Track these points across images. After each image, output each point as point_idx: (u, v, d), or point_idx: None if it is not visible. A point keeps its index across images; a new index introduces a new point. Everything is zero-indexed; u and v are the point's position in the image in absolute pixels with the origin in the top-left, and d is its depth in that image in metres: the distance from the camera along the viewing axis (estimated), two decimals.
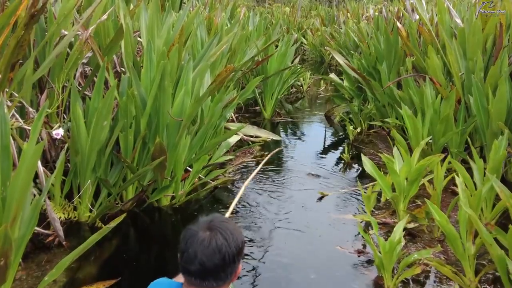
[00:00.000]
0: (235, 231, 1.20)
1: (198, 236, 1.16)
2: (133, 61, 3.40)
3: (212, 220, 1.20)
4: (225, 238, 1.16)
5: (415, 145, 3.85)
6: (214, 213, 1.65)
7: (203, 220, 1.21)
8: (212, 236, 1.15)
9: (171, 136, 3.15)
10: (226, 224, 1.20)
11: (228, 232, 1.17)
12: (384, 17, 7.92)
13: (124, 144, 2.98)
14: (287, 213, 3.28)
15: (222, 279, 1.17)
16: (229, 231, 1.18)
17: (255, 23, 7.51)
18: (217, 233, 1.16)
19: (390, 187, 3.01)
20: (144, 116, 2.99)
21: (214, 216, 1.24)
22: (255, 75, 6.18)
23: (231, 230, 1.18)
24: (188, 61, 3.25)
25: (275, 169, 4.17)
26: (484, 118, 3.75)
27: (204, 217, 1.24)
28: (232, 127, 4.44)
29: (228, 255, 1.15)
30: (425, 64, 4.50)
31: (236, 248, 1.17)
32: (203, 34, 5.12)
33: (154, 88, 2.94)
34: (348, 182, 3.93)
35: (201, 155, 3.43)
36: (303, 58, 13.20)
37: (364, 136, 5.30)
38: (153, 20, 3.42)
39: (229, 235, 1.17)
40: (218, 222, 1.20)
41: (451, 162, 3.01)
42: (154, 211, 3.27)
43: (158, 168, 2.97)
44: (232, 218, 3.14)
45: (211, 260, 1.13)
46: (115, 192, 3.09)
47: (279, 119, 6.12)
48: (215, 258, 1.14)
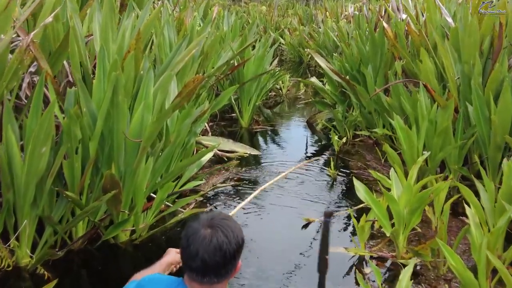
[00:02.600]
0: (236, 228, 1.21)
1: (199, 233, 1.17)
2: (84, 71, 2.89)
3: (213, 218, 1.21)
4: (226, 236, 1.17)
5: (409, 160, 3.44)
6: (215, 211, 1.57)
7: (204, 217, 1.22)
8: (214, 233, 1.17)
9: (129, 160, 2.64)
10: (226, 221, 1.21)
11: (229, 229, 1.19)
12: (365, 16, 7.56)
13: (69, 173, 2.46)
14: (265, 252, 2.82)
15: (222, 275, 1.20)
16: (230, 228, 1.19)
17: (231, 23, 7.03)
18: (218, 231, 1.17)
19: (387, 216, 2.58)
20: (94, 138, 2.47)
21: (215, 214, 1.25)
22: (231, 80, 5.70)
23: (232, 227, 1.20)
24: (148, 70, 2.75)
25: (252, 187, 3.71)
26: (485, 128, 3.36)
27: (205, 214, 1.25)
28: (205, 142, 3.95)
29: (229, 252, 1.17)
30: (416, 68, 4.10)
31: (237, 245, 1.19)
32: (172, 36, 4.62)
33: (105, 104, 2.43)
34: (337, 203, 3.49)
35: (167, 180, 2.93)
36: (281, 59, 12.78)
37: (349, 146, 4.88)
38: (106, 22, 2.90)
39: (230, 233, 1.18)
40: (219, 219, 1.21)
41: (458, 186, 2.59)
42: (110, 249, 2.76)
43: (111, 201, 2.46)
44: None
45: (212, 257, 1.15)
46: (61, 230, 2.57)
47: (257, 127, 5.64)
48: (217, 255, 1.16)
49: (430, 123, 3.42)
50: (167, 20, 4.51)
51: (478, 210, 2.36)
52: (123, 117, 2.49)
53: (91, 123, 2.57)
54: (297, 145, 4.99)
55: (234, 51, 5.01)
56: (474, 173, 3.58)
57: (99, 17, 3.00)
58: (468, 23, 3.67)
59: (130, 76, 2.58)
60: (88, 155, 2.50)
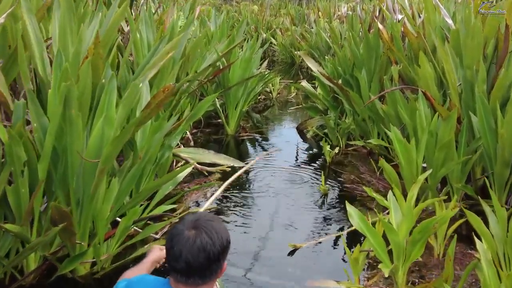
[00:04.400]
0: (220, 230, 1.19)
1: (183, 234, 1.16)
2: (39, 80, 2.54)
3: (198, 219, 1.20)
4: (210, 237, 1.16)
5: (407, 176, 3.11)
6: (200, 212, 1.60)
7: (189, 218, 1.20)
8: (197, 235, 1.16)
9: (87, 183, 2.29)
10: (211, 222, 1.19)
11: (213, 231, 1.17)
12: (358, 17, 7.24)
13: (14, 200, 2.10)
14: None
15: (207, 277, 1.18)
16: (214, 230, 1.18)
17: (218, 23, 6.67)
18: (202, 232, 1.16)
19: (385, 246, 2.25)
20: (43, 159, 2.12)
21: (200, 215, 1.23)
22: (217, 84, 5.35)
23: (216, 229, 1.18)
24: (110, 78, 2.39)
25: (237, 206, 3.36)
26: (491, 142, 3.04)
27: (190, 215, 1.23)
28: (183, 154, 3.60)
29: (212, 253, 1.15)
30: (414, 73, 3.78)
31: (221, 246, 1.17)
32: (151, 37, 4.27)
33: (55, 119, 2.08)
34: (327, 226, 3.16)
35: (136, 202, 2.58)
36: (272, 60, 12.45)
37: (342, 156, 4.54)
38: (65, 23, 2.54)
39: (214, 234, 1.17)
40: (204, 220, 1.19)
41: (464, 212, 2.26)
42: (67, 284, 2.40)
43: (63, 234, 2.11)
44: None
45: (196, 259, 1.14)
46: (9, 264, 2.21)
47: (244, 135, 5.29)
48: (200, 257, 1.14)
49: (430, 135, 3.10)
50: (145, 20, 4.16)
51: (490, 244, 2.03)
52: (77, 134, 2.14)
53: (43, 140, 2.22)
54: (286, 155, 4.63)
55: (219, 53, 4.66)
56: (476, 188, 3.27)
57: (58, 17, 2.64)
58: (471, 24, 3.35)
59: (87, 86, 2.22)
60: (37, 178, 2.14)
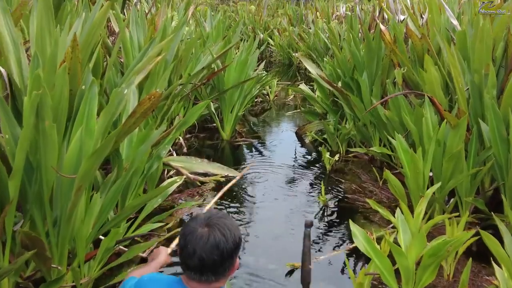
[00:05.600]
0: (233, 227, 1.20)
1: (196, 232, 1.16)
2: (15, 86, 2.32)
3: (210, 217, 1.20)
4: (223, 234, 1.16)
5: (413, 188, 2.91)
6: (212, 210, 1.59)
7: (201, 216, 1.21)
8: (210, 232, 1.16)
9: (64, 200, 2.08)
10: (224, 220, 1.20)
11: (226, 228, 1.18)
12: (358, 17, 7.04)
13: None
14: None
15: (220, 274, 1.18)
16: (227, 227, 1.18)
17: (214, 23, 6.46)
18: (215, 229, 1.17)
19: (392, 270, 2.05)
20: (14, 176, 1.90)
21: (212, 213, 1.24)
22: (212, 87, 5.14)
23: (229, 226, 1.19)
24: (90, 85, 2.18)
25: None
26: (502, 151, 2.84)
27: (202, 213, 1.23)
28: (174, 163, 3.38)
29: (226, 250, 1.16)
30: (418, 77, 3.58)
31: (234, 243, 1.18)
32: (142, 38, 4.06)
33: (26, 131, 1.87)
34: (328, 242, 2.95)
35: (121, 219, 2.37)
36: (270, 61, 12.24)
37: (342, 163, 4.34)
38: (42, 24, 2.33)
39: (227, 231, 1.17)
40: (216, 218, 1.20)
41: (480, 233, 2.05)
42: None
43: (37, 259, 1.90)
44: None
45: (209, 256, 1.14)
46: None
47: (240, 140, 5.08)
48: (214, 254, 1.15)
49: (438, 145, 2.90)
50: (135, 19, 3.95)
51: (510, 270, 1.83)
52: (52, 147, 1.93)
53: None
54: (284, 162, 4.41)
55: (214, 55, 4.45)
56: (486, 200, 3.07)
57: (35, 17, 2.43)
58: (480, 26, 3.15)
59: (63, 94, 2.01)
60: (7, 197, 1.93)
